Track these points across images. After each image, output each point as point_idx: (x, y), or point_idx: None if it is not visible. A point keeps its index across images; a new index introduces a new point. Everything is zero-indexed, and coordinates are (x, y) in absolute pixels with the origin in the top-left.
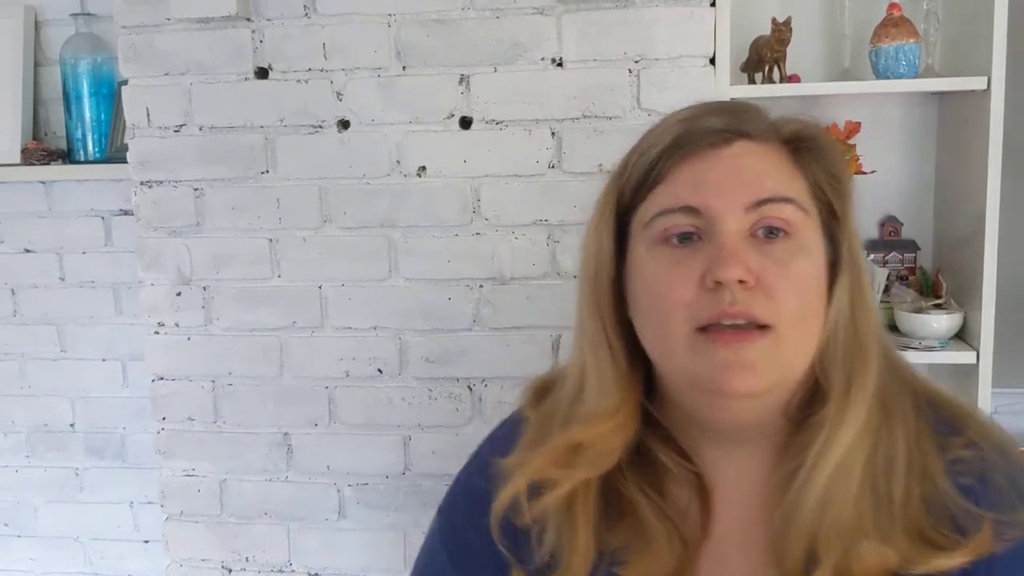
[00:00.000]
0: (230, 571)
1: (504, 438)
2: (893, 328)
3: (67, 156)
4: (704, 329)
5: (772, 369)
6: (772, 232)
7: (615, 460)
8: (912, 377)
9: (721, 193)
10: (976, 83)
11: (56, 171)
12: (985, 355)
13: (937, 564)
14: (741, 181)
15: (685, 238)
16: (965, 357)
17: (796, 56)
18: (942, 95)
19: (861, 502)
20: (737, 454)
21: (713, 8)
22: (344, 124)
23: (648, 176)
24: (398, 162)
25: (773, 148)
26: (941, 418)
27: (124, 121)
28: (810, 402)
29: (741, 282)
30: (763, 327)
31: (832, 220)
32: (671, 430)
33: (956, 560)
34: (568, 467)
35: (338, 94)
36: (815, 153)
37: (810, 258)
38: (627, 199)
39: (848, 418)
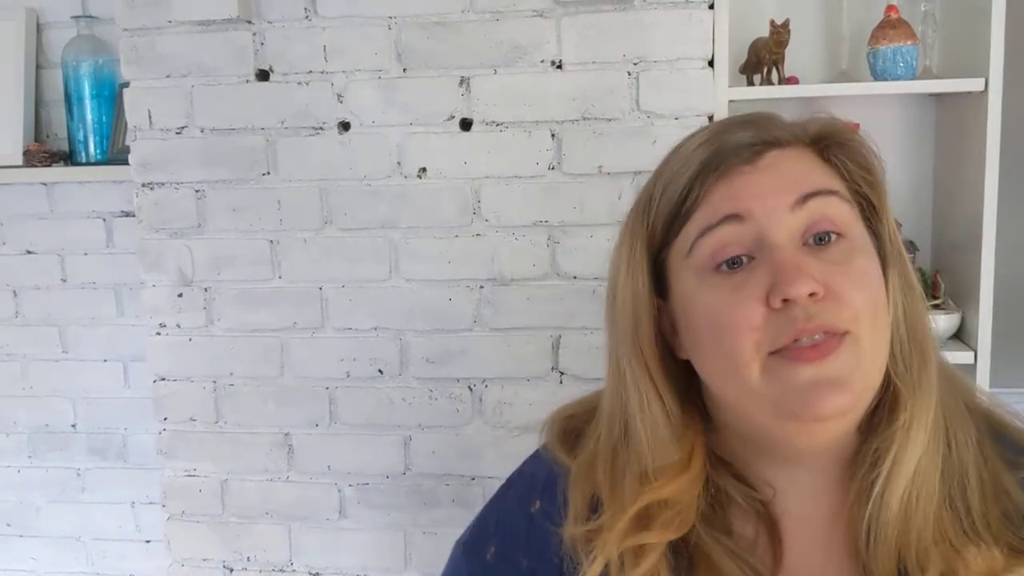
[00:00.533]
0: (231, 570)
1: (544, 481)
2: None
3: (69, 158)
4: (778, 351)
5: (859, 377)
6: (823, 238)
7: (697, 514)
8: (963, 385)
9: (762, 196)
10: (974, 84)
11: (58, 173)
12: (983, 355)
13: None
14: (781, 183)
15: (735, 263)
16: (963, 357)
17: (794, 58)
18: (940, 96)
19: (941, 515)
20: (802, 476)
21: (711, 10)
22: (345, 126)
23: (681, 207)
24: (399, 163)
25: (803, 151)
26: (1002, 437)
27: (125, 123)
28: (877, 407)
29: (811, 295)
30: (841, 334)
31: (871, 213)
32: (731, 462)
33: None
34: (652, 530)
35: (339, 96)
36: (844, 148)
37: (867, 255)
38: (660, 235)
39: (919, 418)
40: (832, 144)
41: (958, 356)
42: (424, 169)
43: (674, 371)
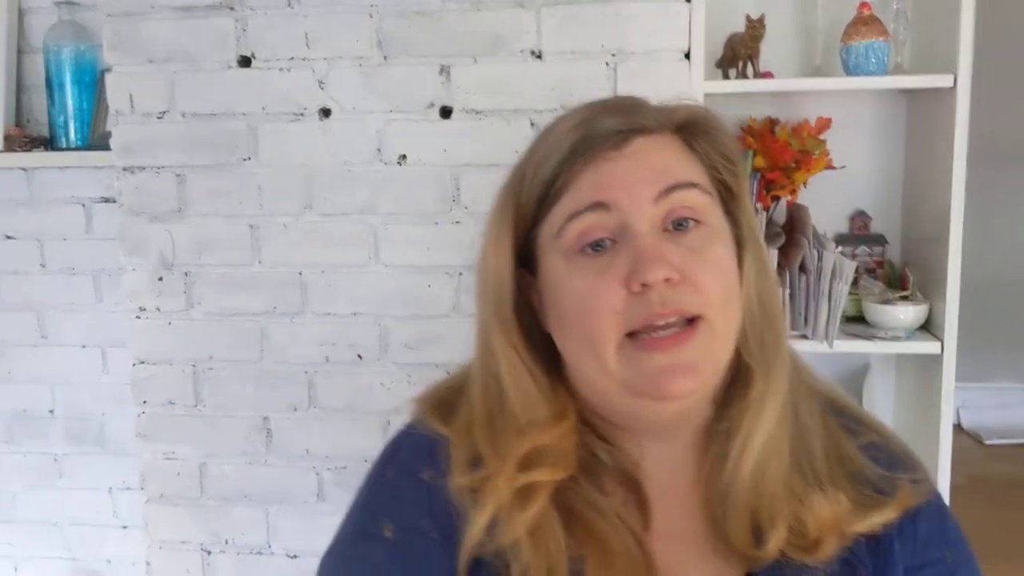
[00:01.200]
0: (209, 553)
1: (427, 451)
2: (860, 319)
3: (49, 143)
4: (634, 335)
5: (708, 363)
6: (682, 224)
7: (574, 463)
8: (804, 366)
9: (627, 187)
10: (943, 81)
11: (38, 158)
12: (949, 346)
13: (872, 522)
14: (645, 174)
15: (598, 246)
16: (930, 347)
17: (769, 53)
18: (910, 92)
19: (790, 477)
20: (660, 448)
21: (689, 3)
22: (326, 112)
23: (550, 188)
24: (379, 150)
25: (668, 138)
26: (841, 411)
27: (106, 109)
28: (732, 382)
29: (667, 280)
30: (693, 320)
31: (730, 199)
32: (598, 429)
33: (887, 515)
34: (540, 469)
35: (320, 83)
36: (708, 137)
37: (722, 242)
38: (531, 213)
39: (772, 393)
40: (697, 133)
41: (925, 347)
42: (404, 156)
43: (541, 343)
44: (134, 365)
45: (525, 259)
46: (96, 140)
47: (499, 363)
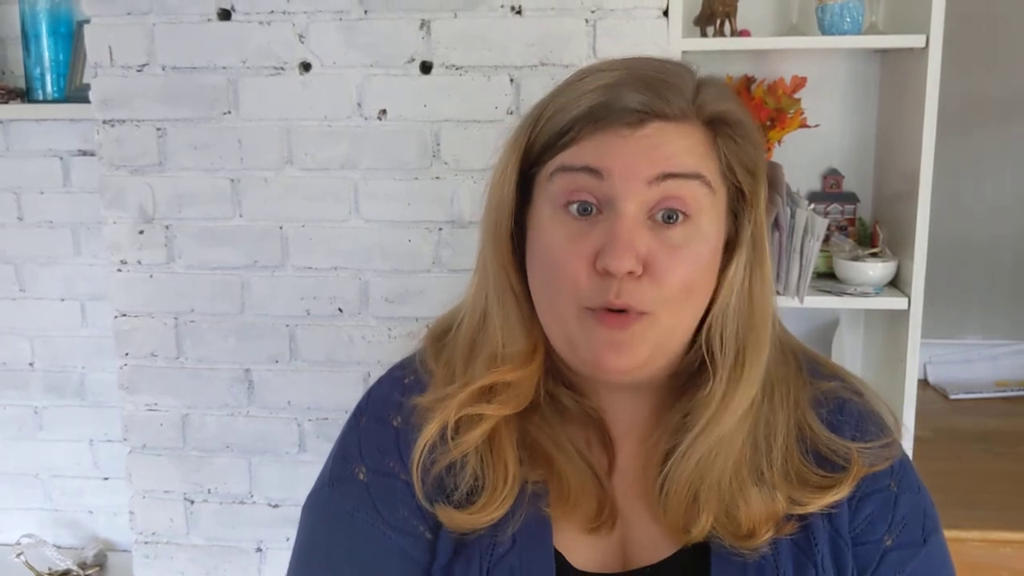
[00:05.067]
0: (192, 502)
1: (399, 397)
2: (831, 275)
3: (25, 95)
4: (590, 308)
5: (644, 349)
6: (671, 216)
7: (531, 398)
8: (788, 337)
9: (626, 165)
10: (915, 41)
11: (14, 110)
12: (916, 301)
13: (825, 501)
14: (648, 157)
15: (584, 210)
16: (898, 303)
17: (747, 11)
18: (884, 52)
19: (740, 464)
20: (623, 401)
21: None
22: (306, 66)
23: (559, 139)
24: (359, 105)
25: (690, 127)
26: (811, 363)
27: (83, 61)
28: (701, 367)
29: (629, 272)
30: (640, 313)
31: (740, 202)
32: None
33: (842, 493)
34: (491, 404)
35: (300, 36)
36: (734, 141)
37: (705, 240)
38: (536, 153)
39: (736, 399)
40: (723, 135)
41: (893, 303)
42: (384, 111)
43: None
44: (115, 318)
45: (526, 188)
46: (73, 92)
47: (490, 279)
